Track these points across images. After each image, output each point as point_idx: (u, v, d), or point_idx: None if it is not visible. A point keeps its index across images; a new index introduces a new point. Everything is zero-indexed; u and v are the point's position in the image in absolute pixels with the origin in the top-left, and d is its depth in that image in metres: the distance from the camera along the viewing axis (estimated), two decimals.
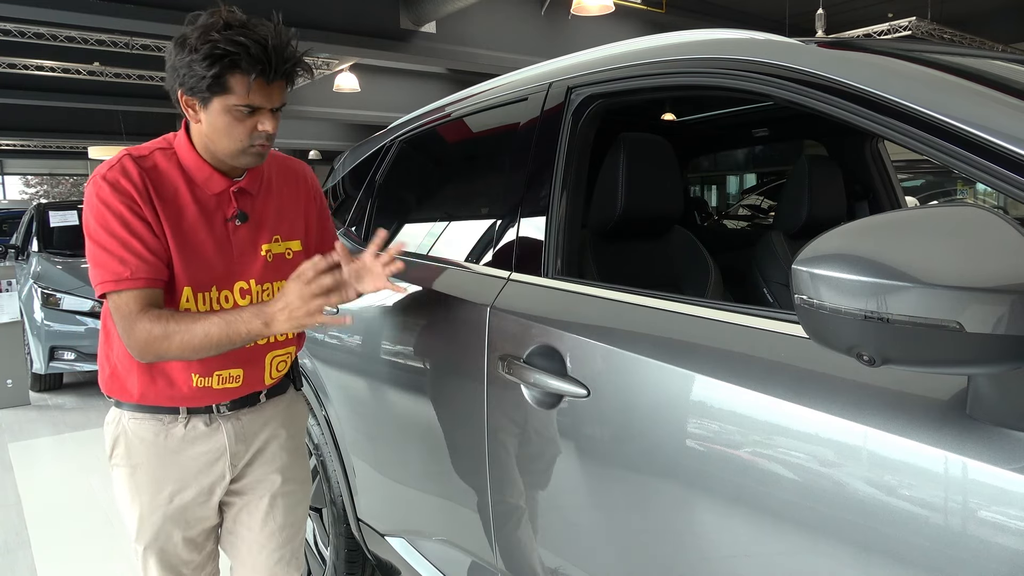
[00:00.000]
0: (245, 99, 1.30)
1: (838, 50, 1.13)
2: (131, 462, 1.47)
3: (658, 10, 9.16)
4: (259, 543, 1.58)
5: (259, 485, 1.57)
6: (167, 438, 1.46)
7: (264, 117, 1.34)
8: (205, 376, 1.43)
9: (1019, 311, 0.66)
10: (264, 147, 1.37)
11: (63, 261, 6.12)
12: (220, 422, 1.49)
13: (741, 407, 1.01)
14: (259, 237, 1.47)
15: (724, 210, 7.89)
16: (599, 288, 1.36)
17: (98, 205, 1.31)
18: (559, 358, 1.31)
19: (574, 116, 1.52)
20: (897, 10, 9.04)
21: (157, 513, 1.47)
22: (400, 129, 2.35)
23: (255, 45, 1.26)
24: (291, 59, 1.32)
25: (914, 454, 0.82)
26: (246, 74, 1.27)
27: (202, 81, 1.28)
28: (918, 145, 0.93)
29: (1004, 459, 0.75)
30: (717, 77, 1.23)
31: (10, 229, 11.95)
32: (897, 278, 0.70)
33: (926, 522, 0.80)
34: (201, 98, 1.32)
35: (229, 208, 1.43)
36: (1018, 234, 0.67)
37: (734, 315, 1.10)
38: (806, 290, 0.77)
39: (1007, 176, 0.83)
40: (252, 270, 1.46)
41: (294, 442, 1.64)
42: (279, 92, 1.34)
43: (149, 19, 6.65)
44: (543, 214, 1.50)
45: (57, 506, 3.59)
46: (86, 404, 5.57)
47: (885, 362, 0.73)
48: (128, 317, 1.31)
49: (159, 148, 1.41)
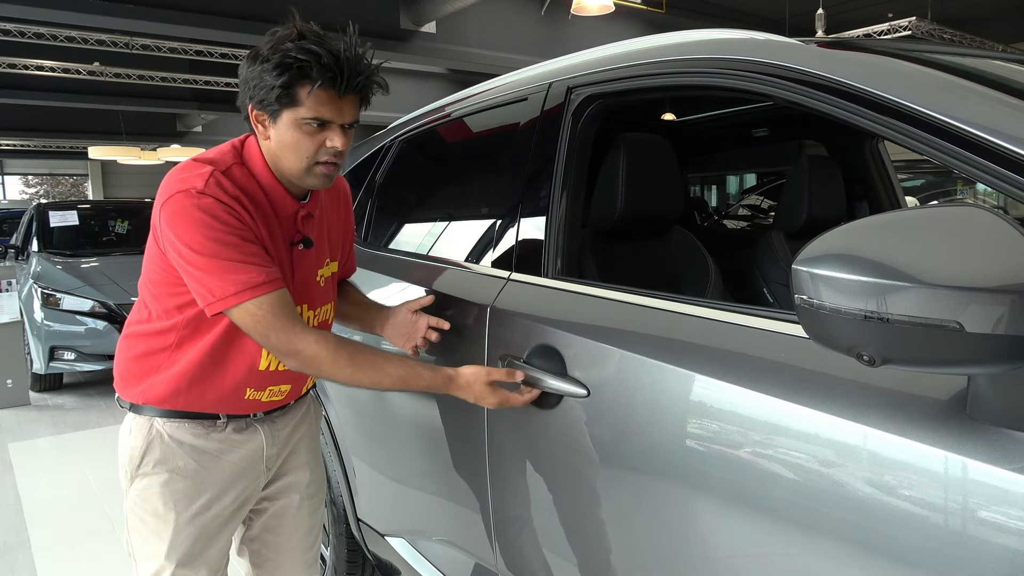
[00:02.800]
0: (314, 111, 1.24)
1: (838, 50, 1.13)
2: (168, 468, 1.38)
3: (658, 10, 9.16)
4: (289, 547, 1.58)
5: (290, 488, 1.57)
6: (207, 441, 1.41)
7: (334, 132, 1.27)
8: (259, 391, 1.42)
9: (1019, 311, 0.66)
10: (332, 166, 1.31)
11: (63, 261, 6.12)
12: (256, 425, 1.47)
13: (741, 407, 1.01)
14: (316, 263, 1.45)
15: (724, 210, 7.88)
16: (598, 288, 1.36)
17: (202, 218, 1.22)
18: (559, 358, 1.31)
19: (574, 116, 1.52)
20: (897, 10, 9.03)
21: (194, 525, 1.40)
22: (400, 129, 2.35)
23: (327, 55, 1.22)
24: (364, 72, 1.27)
25: (914, 454, 0.81)
26: (316, 84, 1.22)
27: (272, 92, 1.23)
28: (918, 145, 0.93)
29: (1004, 459, 0.75)
30: (717, 77, 1.23)
31: (10, 229, 11.96)
32: (897, 278, 0.70)
33: (926, 522, 0.80)
34: (271, 112, 1.27)
35: (294, 232, 1.38)
36: (1018, 234, 0.67)
37: (733, 315, 1.10)
38: (806, 290, 0.76)
39: (1007, 176, 0.83)
40: (308, 295, 1.43)
41: (316, 442, 1.66)
42: (351, 107, 1.28)
43: (149, 19, 6.65)
44: (543, 214, 1.50)
45: (57, 506, 3.59)
46: (86, 404, 5.57)
47: (885, 362, 0.73)
48: (284, 327, 1.25)
49: (235, 163, 1.33)
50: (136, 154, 14.65)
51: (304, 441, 1.61)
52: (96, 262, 6.12)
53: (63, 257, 6.24)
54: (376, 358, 1.31)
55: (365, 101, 1.33)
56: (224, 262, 1.22)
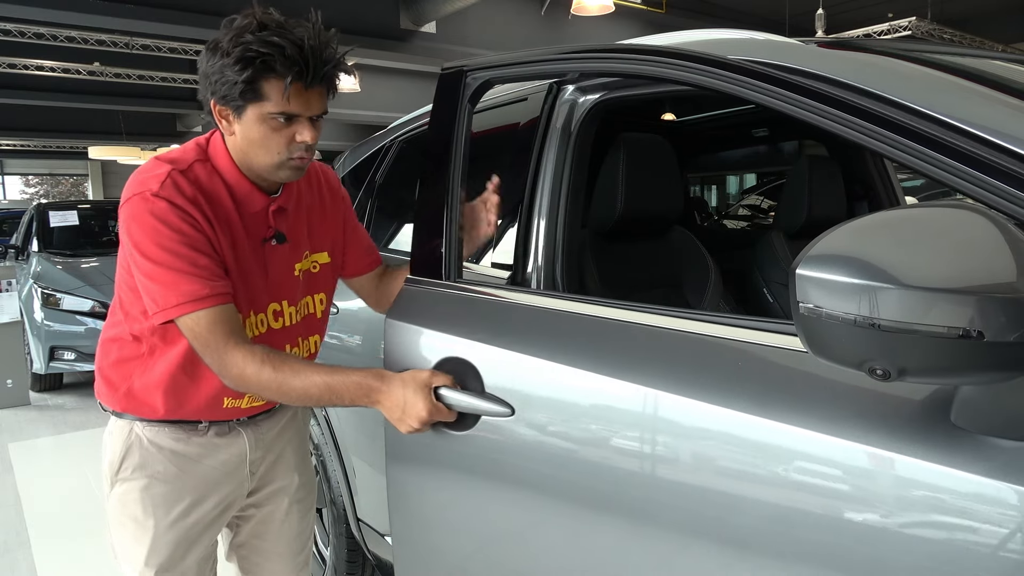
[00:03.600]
0: (281, 106, 1.19)
1: (838, 50, 1.13)
2: (147, 473, 1.36)
3: (658, 10, 9.16)
4: (278, 552, 1.56)
5: (278, 494, 1.54)
6: (187, 445, 1.38)
7: (302, 126, 1.23)
8: (237, 399, 1.38)
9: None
10: (304, 160, 1.27)
11: (63, 261, 6.11)
12: (239, 429, 1.44)
13: (699, 422, 0.93)
14: (293, 257, 1.40)
15: (724, 210, 7.88)
16: (506, 291, 1.29)
17: (154, 224, 1.19)
18: (474, 373, 1.21)
19: (576, 117, 1.51)
20: (897, 10, 9.03)
21: (173, 531, 1.37)
22: (400, 129, 2.35)
23: (291, 46, 1.16)
24: (330, 61, 1.21)
25: (896, 464, 0.76)
26: (281, 78, 1.17)
27: (235, 88, 1.18)
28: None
29: (990, 469, 0.70)
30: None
31: (10, 229, 11.95)
32: (910, 282, 0.64)
33: (911, 537, 0.75)
34: (235, 107, 1.21)
35: (266, 228, 1.34)
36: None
37: (681, 321, 1.03)
38: (814, 297, 0.69)
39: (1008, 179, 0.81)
40: (285, 291, 1.39)
41: (304, 446, 1.63)
42: (318, 99, 1.23)
43: (149, 19, 6.65)
44: (543, 214, 1.50)
45: (57, 506, 3.59)
46: (86, 404, 5.57)
47: (901, 375, 0.67)
48: (216, 345, 1.20)
49: (197, 160, 1.28)
50: (136, 154, 14.63)
51: (292, 445, 1.57)
52: (96, 262, 6.12)
53: (63, 257, 6.23)
54: (302, 366, 1.22)
55: (333, 90, 1.28)
56: (170, 271, 1.19)
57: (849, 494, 0.80)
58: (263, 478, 1.51)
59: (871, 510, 0.78)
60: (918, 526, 0.75)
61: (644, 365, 1.03)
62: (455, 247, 1.42)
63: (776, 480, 0.86)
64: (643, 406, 1.00)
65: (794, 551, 0.84)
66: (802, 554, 0.84)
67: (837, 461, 0.81)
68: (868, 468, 0.79)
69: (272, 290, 1.36)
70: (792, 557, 0.85)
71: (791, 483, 0.85)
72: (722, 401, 0.91)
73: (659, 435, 0.99)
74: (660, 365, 1.02)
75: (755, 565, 0.88)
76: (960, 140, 0.79)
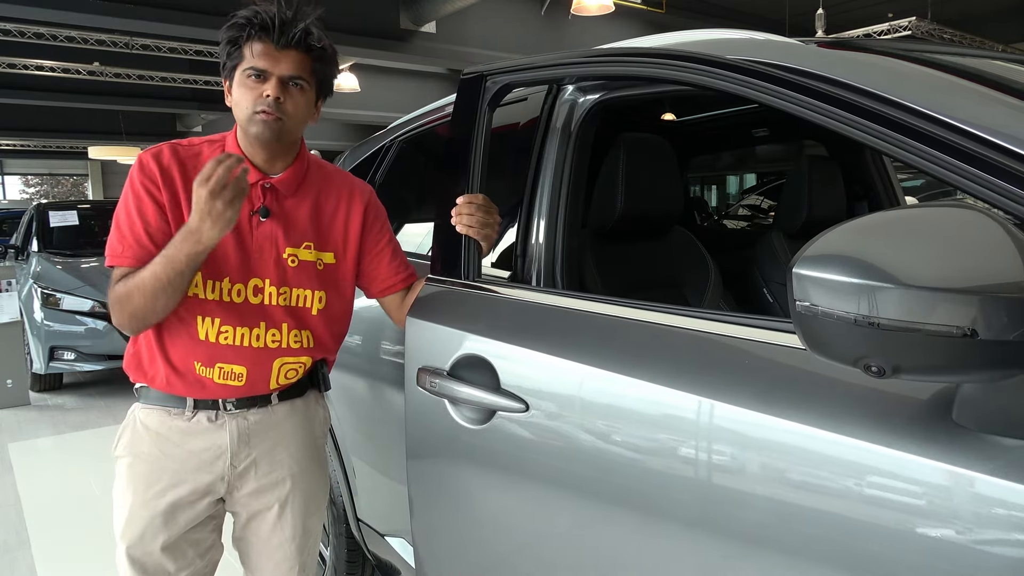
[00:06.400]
0: (251, 61, 1.36)
1: (838, 50, 1.13)
2: (133, 451, 1.46)
3: (658, 10, 9.15)
4: (267, 553, 1.55)
5: (266, 493, 1.52)
6: (170, 428, 1.45)
7: (270, 84, 1.37)
8: (208, 367, 1.42)
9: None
10: (269, 115, 1.37)
11: (63, 261, 6.12)
12: (225, 419, 1.46)
13: (705, 418, 0.95)
14: (284, 239, 1.47)
15: (724, 210, 7.88)
16: (530, 292, 1.31)
17: (126, 183, 1.41)
18: (490, 370, 1.24)
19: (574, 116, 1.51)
20: (897, 10, 9.03)
21: (147, 509, 1.44)
22: (400, 129, 2.35)
23: (265, 12, 1.35)
24: (299, 22, 1.37)
25: (897, 462, 0.77)
26: (253, 38, 1.35)
27: (224, 55, 1.38)
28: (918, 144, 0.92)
29: (992, 467, 0.70)
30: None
31: (10, 229, 11.95)
32: (910, 281, 0.65)
33: (911, 534, 0.76)
34: (228, 75, 1.41)
35: (256, 200, 1.45)
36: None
37: (691, 320, 1.04)
38: (811, 296, 0.70)
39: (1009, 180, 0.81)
40: (268, 270, 1.45)
41: (309, 449, 1.57)
42: (288, 60, 1.37)
43: (149, 19, 6.64)
44: (543, 214, 1.50)
45: (57, 506, 3.59)
46: (86, 404, 5.57)
47: (895, 372, 0.68)
48: (111, 293, 1.38)
49: (209, 140, 1.49)
50: (136, 154, 14.64)
51: (288, 446, 1.53)
52: (96, 262, 6.11)
53: (63, 257, 6.23)
54: (142, 268, 1.35)
55: (320, 61, 1.42)
56: (115, 226, 1.40)
57: (850, 491, 0.80)
58: (245, 475, 1.49)
59: (871, 507, 0.79)
60: (918, 524, 0.75)
61: (654, 363, 1.05)
62: (474, 248, 1.47)
63: (779, 477, 0.87)
64: (657, 405, 1.02)
65: (798, 547, 0.85)
66: (806, 550, 0.84)
67: (838, 458, 0.82)
68: (869, 465, 0.79)
69: (254, 264, 1.45)
70: (796, 553, 0.85)
71: (793, 481, 0.86)
72: (726, 398, 0.93)
73: (666, 432, 1.00)
74: (670, 363, 1.04)
75: (759, 560, 0.89)
76: (960, 140, 0.80)
